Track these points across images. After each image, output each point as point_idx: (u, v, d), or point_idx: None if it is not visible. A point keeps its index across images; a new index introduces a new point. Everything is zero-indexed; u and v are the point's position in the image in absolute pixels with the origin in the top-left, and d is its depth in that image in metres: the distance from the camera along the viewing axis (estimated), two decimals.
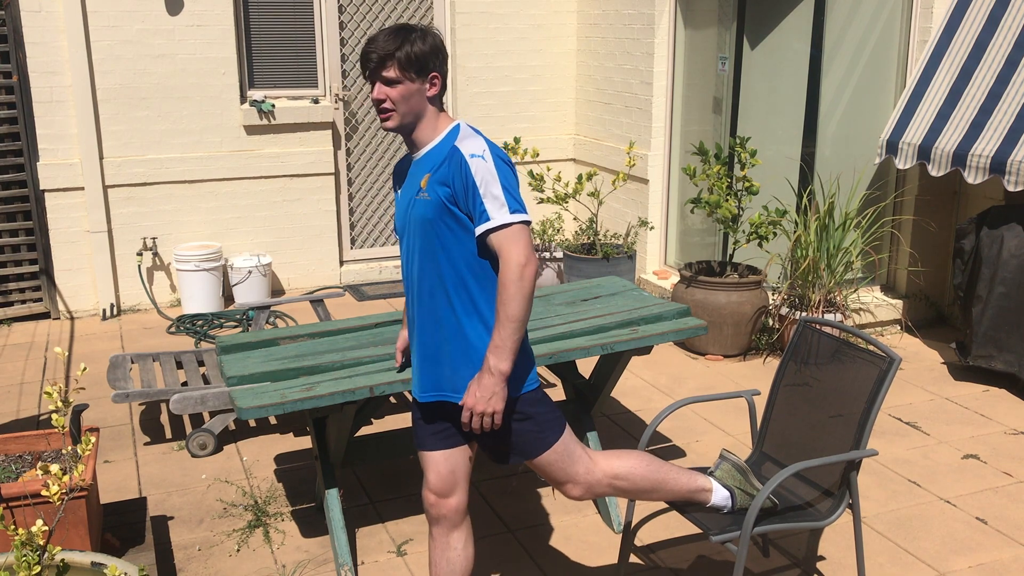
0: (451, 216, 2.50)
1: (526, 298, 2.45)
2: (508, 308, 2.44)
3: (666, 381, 5.30)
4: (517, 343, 2.47)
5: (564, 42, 7.49)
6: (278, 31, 6.77)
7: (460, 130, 2.58)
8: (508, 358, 2.47)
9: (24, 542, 2.15)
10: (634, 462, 2.83)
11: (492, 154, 2.49)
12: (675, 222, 6.75)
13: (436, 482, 2.71)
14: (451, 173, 2.48)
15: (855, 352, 3.13)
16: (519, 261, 2.43)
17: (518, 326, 2.46)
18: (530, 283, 2.45)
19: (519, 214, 2.46)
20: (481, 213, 2.45)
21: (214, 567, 3.51)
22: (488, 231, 2.46)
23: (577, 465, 2.73)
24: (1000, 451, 4.44)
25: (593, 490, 2.78)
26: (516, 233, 2.45)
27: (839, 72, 5.90)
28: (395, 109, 2.53)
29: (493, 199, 2.45)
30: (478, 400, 2.48)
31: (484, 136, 2.57)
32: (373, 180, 7.29)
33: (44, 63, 6.09)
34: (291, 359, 3.45)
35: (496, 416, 2.51)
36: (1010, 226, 5.05)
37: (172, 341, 6.00)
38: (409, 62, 2.50)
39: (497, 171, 2.47)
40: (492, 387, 2.48)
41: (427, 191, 2.52)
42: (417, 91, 2.53)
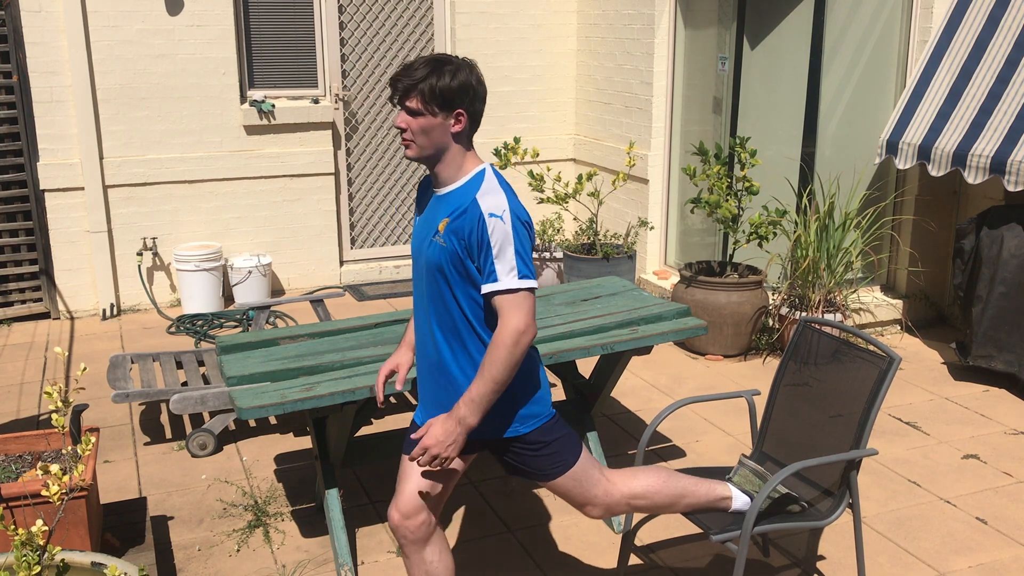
0: (462, 266, 2.50)
1: (513, 364, 2.45)
2: (493, 369, 2.45)
3: (666, 381, 5.30)
4: (492, 402, 2.48)
5: (564, 42, 7.49)
6: (278, 31, 6.77)
7: (484, 179, 2.52)
8: (478, 414, 2.48)
9: (24, 542, 2.15)
10: (651, 480, 2.83)
11: (512, 214, 2.45)
12: (675, 222, 6.75)
13: (408, 500, 2.68)
14: (468, 227, 2.46)
15: (855, 352, 3.13)
16: (517, 327, 2.43)
17: (498, 388, 2.46)
18: (522, 351, 2.45)
19: (527, 280, 2.45)
20: (490, 273, 2.45)
21: (214, 567, 3.51)
22: (494, 292, 2.45)
23: (596, 488, 2.74)
24: (1000, 451, 4.44)
25: (612, 511, 2.79)
26: (520, 300, 2.45)
27: (839, 72, 5.90)
28: (415, 140, 2.51)
29: (505, 262, 2.44)
30: (437, 443, 2.48)
31: (508, 189, 2.52)
32: (373, 180, 7.29)
33: (44, 63, 6.10)
34: (291, 359, 3.45)
35: (447, 462, 2.51)
36: (1010, 226, 5.05)
37: (172, 341, 6.00)
38: (433, 95, 2.45)
39: (514, 234, 2.44)
40: (455, 435, 2.48)
41: (443, 237, 2.50)
42: (440, 126, 2.48)
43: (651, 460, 4.34)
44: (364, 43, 7.04)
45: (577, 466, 2.70)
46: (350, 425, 3.41)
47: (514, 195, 2.52)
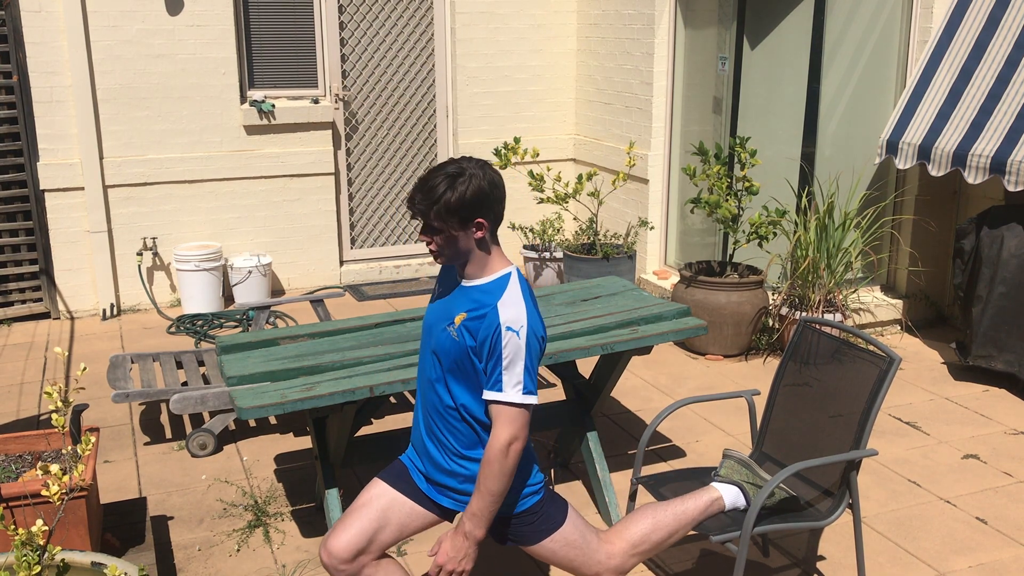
0: (469, 363, 2.52)
1: (508, 474, 2.48)
2: (489, 482, 2.47)
3: (666, 381, 5.30)
4: (494, 512, 2.51)
5: (564, 42, 7.49)
6: (278, 31, 6.77)
7: (509, 286, 2.52)
8: (484, 526, 2.51)
9: (24, 542, 2.15)
10: (644, 522, 2.85)
11: (528, 330, 2.47)
12: (675, 222, 6.75)
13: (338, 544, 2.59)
14: (483, 333, 2.47)
15: (855, 352, 3.13)
16: (508, 440, 2.46)
17: (496, 499, 2.49)
18: (514, 461, 2.47)
19: (530, 396, 2.48)
20: (496, 382, 2.47)
21: (214, 567, 3.51)
22: (494, 401, 2.48)
23: (598, 553, 2.76)
24: (1000, 451, 4.44)
25: (621, 569, 2.80)
26: (517, 414, 2.47)
27: (839, 72, 5.90)
28: (440, 252, 2.53)
29: (512, 375, 2.46)
30: (450, 559, 2.51)
31: (529, 300, 2.52)
32: (373, 180, 7.29)
33: (44, 63, 6.10)
34: (291, 359, 3.45)
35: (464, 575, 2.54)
36: (1010, 226, 5.05)
37: (172, 341, 6.00)
38: (450, 213, 2.45)
39: (526, 350, 2.47)
40: (465, 550, 2.51)
41: (457, 330, 2.52)
42: (462, 236, 2.50)
43: (651, 460, 4.34)
44: (364, 43, 7.04)
45: (569, 528, 2.72)
46: (350, 425, 3.41)
47: (535, 307, 2.54)
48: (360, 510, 2.66)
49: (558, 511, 2.72)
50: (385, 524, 2.65)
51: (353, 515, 2.65)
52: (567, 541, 2.71)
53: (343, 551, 2.59)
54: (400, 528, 2.68)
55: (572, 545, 2.72)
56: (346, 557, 2.60)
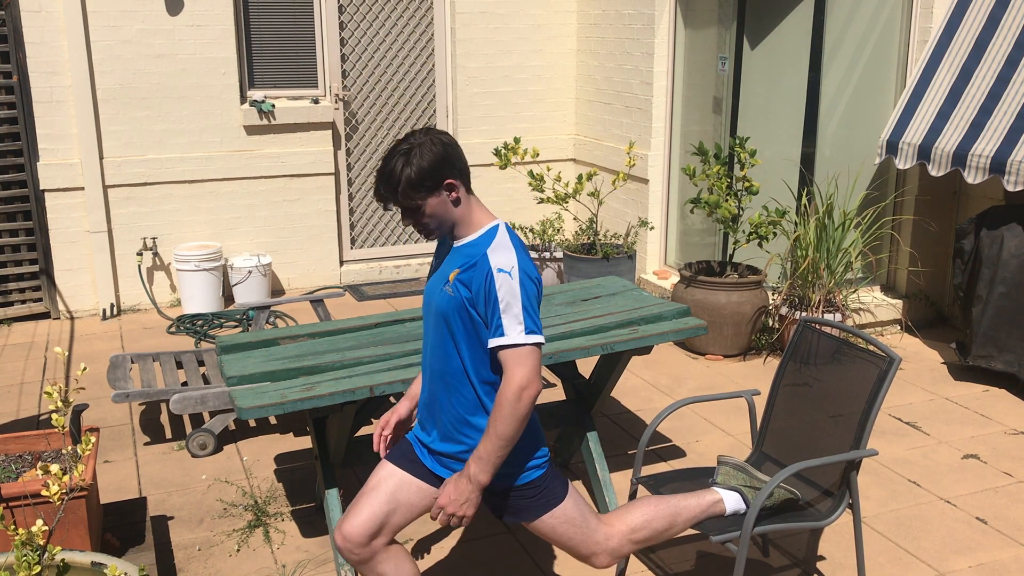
0: (468, 318, 2.51)
1: (520, 419, 2.45)
2: (499, 426, 2.45)
3: (666, 381, 5.30)
4: (502, 458, 2.49)
5: (564, 42, 7.49)
6: (278, 31, 6.77)
7: (497, 235, 2.54)
8: (489, 471, 2.49)
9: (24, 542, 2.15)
10: (644, 509, 2.85)
11: (520, 270, 2.47)
12: (675, 222, 6.75)
13: (352, 527, 2.63)
14: (477, 281, 2.48)
15: (855, 352, 3.13)
16: (521, 383, 2.44)
17: (506, 444, 2.47)
18: (527, 406, 2.45)
19: (534, 335, 2.46)
20: (497, 327, 2.45)
21: (214, 567, 3.51)
22: (500, 347, 2.46)
23: (596, 533, 2.76)
24: (1000, 451, 4.44)
25: (617, 553, 2.80)
26: (525, 355, 2.45)
27: (839, 72, 5.90)
28: (428, 226, 2.54)
29: (512, 317, 2.45)
30: (451, 502, 2.50)
31: (519, 246, 2.54)
32: (373, 180, 7.29)
33: (44, 63, 6.10)
34: (291, 359, 3.45)
35: (464, 520, 2.52)
36: (1010, 226, 5.05)
37: (172, 341, 6.00)
38: (414, 189, 2.47)
39: (521, 290, 2.46)
40: (467, 494, 2.50)
41: (452, 287, 2.53)
42: (440, 203, 2.51)
43: (651, 460, 4.34)
44: (364, 43, 7.04)
45: (569, 505, 2.71)
46: (350, 425, 3.41)
47: (525, 252, 2.54)
48: (370, 493, 2.67)
49: (560, 487, 2.72)
50: (396, 506, 2.67)
51: (364, 499, 2.67)
52: (566, 518, 2.70)
53: (357, 535, 2.62)
54: (410, 508, 2.69)
55: (571, 522, 2.71)
56: (361, 540, 2.62)
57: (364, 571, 2.69)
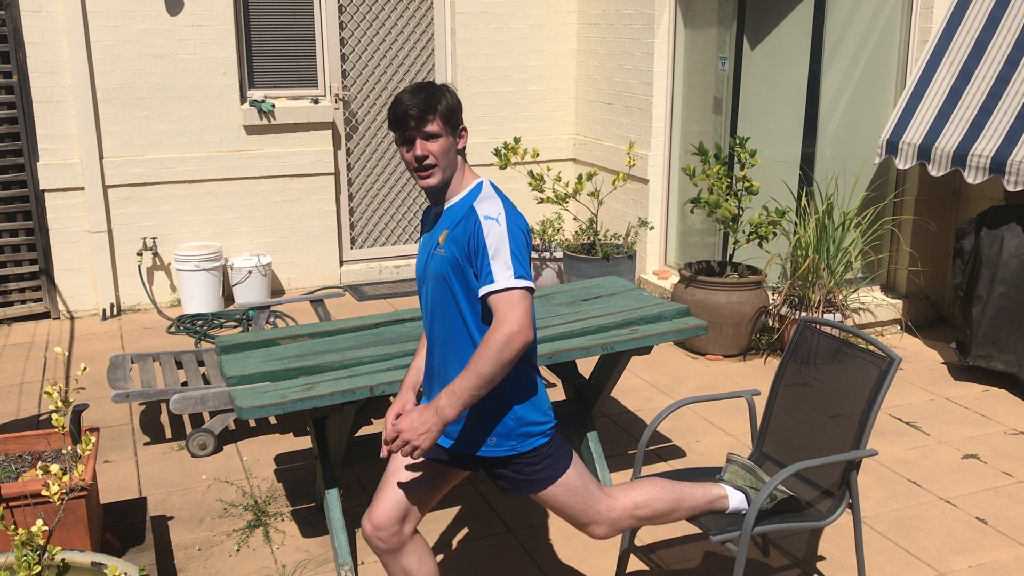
0: (463, 274, 2.51)
1: (503, 363, 2.41)
2: (481, 364, 2.41)
3: (666, 381, 5.30)
4: (475, 398, 2.45)
5: (564, 42, 7.49)
6: (278, 31, 6.77)
7: (482, 189, 2.57)
8: (458, 407, 2.44)
9: (24, 542, 2.15)
10: (649, 488, 2.85)
11: (507, 218, 2.47)
12: (675, 222, 6.75)
13: (379, 513, 2.66)
14: (466, 232, 2.48)
15: (855, 352, 3.13)
16: (511, 328, 2.40)
17: (483, 384, 2.42)
18: (514, 352, 2.41)
19: (523, 280, 2.44)
20: (487, 275, 2.44)
21: (214, 567, 3.51)
22: (490, 293, 2.44)
23: (598, 504, 2.74)
24: (1000, 451, 4.44)
25: (617, 525, 2.78)
26: (516, 299, 2.42)
27: (839, 72, 5.90)
28: (438, 164, 2.52)
29: (500, 263, 2.43)
30: (411, 430, 2.45)
31: (504, 197, 2.55)
32: (373, 180, 7.29)
33: (44, 63, 6.10)
34: (291, 359, 3.45)
35: (417, 452, 2.47)
36: (1010, 226, 5.05)
37: (172, 341, 6.00)
38: (449, 114, 2.52)
39: (509, 236, 2.45)
40: (429, 423, 2.45)
41: (443, 247, 2.53)
42: (452, 145, 2.54)
43: (651, 460, 4.34)
44: (364, 43, 7.04)
45: (573, 475, 2.70)
46: (350, 425, 3.41)
47: (512, 204, 2.55)
48: (391, 480, 2.69)
49: (564, 457, 2.70)
50: (417, 488, 2.68)
51: (386, 486, 2.68)
52: (570, 487, 2.69)
53: (386, 521, 2.64)
54: (432, 488, 2.71)
55: (574, 492, 2.70)
56: (390, 526, 2.64)
57: (389, 563, 2.70)
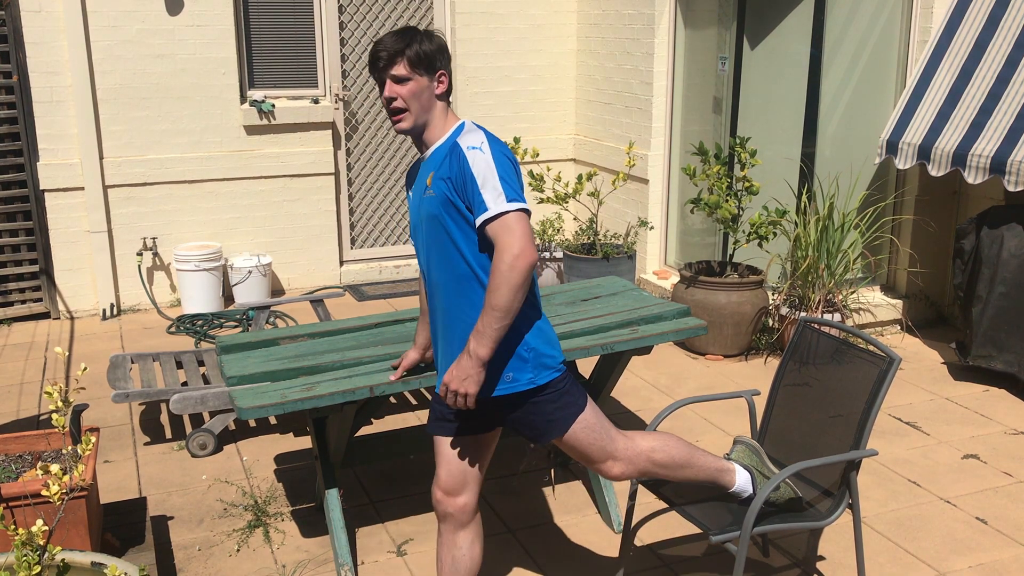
0: (455, 210, 2.52)
1: (514, 289, 2.42)
2: (493, 297, 2.43)
3: (666, 381, 5.30)
4: (500, 331, 2.47)
5: (564, 42, 7.49)
6: (278, 31, 6.77)
7: (464, 128, 2.60)
8: (488, 344, 2.48)
9: (24, 542, 2.15)
10: (666, 437, 2.89)
11: (490, 146, 2.50)
12: (675, 222, 6.75)
13: (446, 479, 2.74)
14: (452, 167, 2.51)
15: (855, 352, 3.13)
16: (512, 251, 2.41)
17: (502, 315, 2.44)
18: (521, 274, 2.42)
19: (516, 202, 2.45)
20: (479, 204, 2.45)
21: (214, 567, 3.51)
22: (486, 221, 2.45)
23: (615, 442, 2.77)
24: (1000, 451, 4.44)
25: (634, 464, 2.79)
26: (513, 221, 2.43)
27: (839, 72, 5.90)
28: (407, 108, 2.56)
29: (491, 189, 2.45)
30: (453, 378, 2.52)
31: (487, 132, 2.58)
32: (373, 180, 7.29)
33: (44, 63, 6.09)
34: (291, 359, 3.45)
35: (468, 398, 2.52)
36: (1010, 226, 5.05)
37: (172, 341, 6.00)
38: (419, 59, 2.54)
39: (495, 162, 2.47)
40: (468, 369, 2.50)
41: (432, 187, 2.55)
42: (427, 88, 2.56)
43: None
44: (364, 43, 7.03)
45: (590, 412, 2.72)
46: (350, 425, 3.41)
47: (494, 136, 2.57)
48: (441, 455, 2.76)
49: (579, 394, 2.73)
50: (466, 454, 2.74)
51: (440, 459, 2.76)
52: (587, 423, 2.72)
53: (453, 485, 2.73)
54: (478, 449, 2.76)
55: (591, 428, 2.72)
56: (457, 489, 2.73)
57: (448, 532, 2.76)
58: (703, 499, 3.04)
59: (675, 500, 3.04)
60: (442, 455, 2.76)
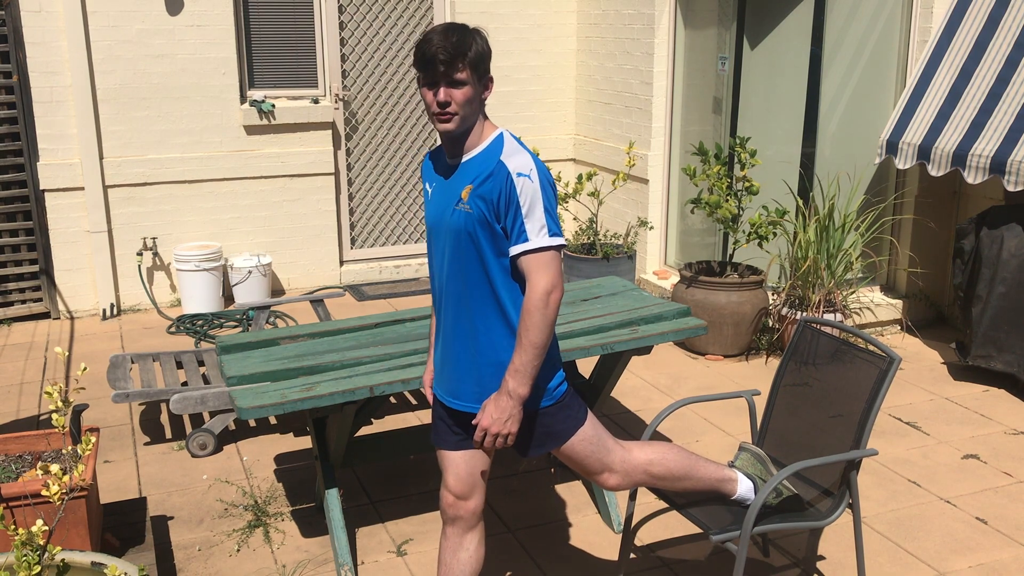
0: (490, 230, 2.46)
1: (550, 324, 2.44)
2: (531, 334, 2.43)
3: (666, 381, 5.30)
4: (537, 367, 2.46)
5: (564, 42, 7.49)
6: (278, 31, 6.77)
7: (505, 142, 2.49)
8: (527, 382, 2.46)
9: (24, 542, 2.15)
10: (665, 448, 2.87)
11: (539, 173, 2.44)
12: (675, 222, 6.75)
13: (455, 484, 2.71)
14: (495, 189, 2.42)
15: (855, 352, 3.13)
16: (546, 288, 2.41)
17: (539, 352, 2.44)
18: (554, 310, 2.43)
19: (557, 238, 2.44)
20: (520, 234, 2.42)
21: (214, 567, 3.51)
22: (523, 252, 2.43)
23: (612, 454, 2.75)
24: (1000, 451, 4.44)
25: (631, 477, 2.79)
26: (549, 259, 2.43)
27: (839, 72, 5.90)
28: (459, 112, 2.43)
29: (535, 220, 2.41)
30: (494, 422, 2.48)
31: (528, 150, 2.51)
32: (373, 180, 7.29)
33: (44, 63, 6.09)
34: (291, 359, 3.45)
35: (510, 438, 2.51)
36: (1010, 226, 5.05)
37: (172, 341, 6.00)
38: (477, 62, 2.42)
39: (542, 192, 2.42)
40: (510, 410, 2.48)
41: (468, 203, 2.46)
42: (476, 95, 2.46)
43: None
44: (364, 43, 7.04)
45: (589, 425, 2.71)
46: (350, 425, 3.41)
47: (536, 157, 2.50)
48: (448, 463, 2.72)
49: (580, 407, 2.72)
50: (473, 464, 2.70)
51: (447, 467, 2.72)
52: (586, 437, 2.71)
53: (463, 489, 2.68)
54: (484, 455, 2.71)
55: (589, 441, 2.71)
56: (468, 493, 2.68)
57: (453, 534, 2.73)
58: (703, 499, 3.04)
59: (675, 500, 3.04)
60: (450, 462, 2.73)
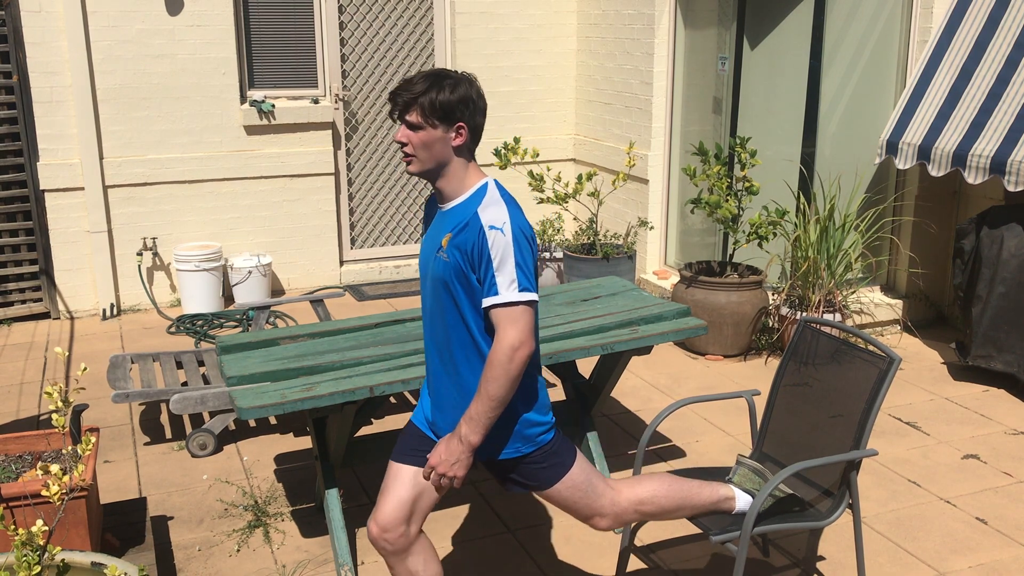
0: (466, 280, 2.47)
1: (511, 380, 2.42)
2: (491, 387, 2.42)
3: (666, 381, 5.30)
4: (493, 419, 2.46)
5: (564, 42, 7.49)
6: (278, 31, 6.77)
7: (486, 193, 2.50)
8: (480, 432, 2.46)
9: (24, 542, 2.15)
10: (656, 485, 2.84)
11: (512, 226, 2.43)
12: (675, 222, 6.75)
13: (384, 514, 2.64)
14: (469, 241, 2.44)
15: (855, 352, 3.13)
16: (512, 344, 2.40)
17: (496, 405, 2.44)
18: (518, 367, 2.41)
19: (527, 293, 2.42)
20: (491, 286, 2.42)
21: (214, 567, 3.51)
22: (492, 306, 2.42)
23: (602, 498, 2.74)
24: (1000, 451, 4.44)
25: (621, 518, 2.78)
26: (518, 314, 2.41)
27: (839, 72, 5.90)
28: (415, 154, 2.48)
29: (505, 274, 2.41)
30: (442, 462, 2.49)
31: (511, 201, 2.49)
32: (373, 180, 7.29)
33: (44, 63, 6.09)
34: (291, 359, 3.45)
35: (456, 481, 2.51)
36: (1010, 226, 5.05)
37: (172, 341, 6.00)
38: (433, 109, 2.43)
39: (514, 246, 2.41)
40: (458, 454, 2.48)
41: (446, 252, 2.49)
42: (440, 139, 2.45)
43: (651, 460, 4.34)
44: (364, 43, 7.04)
45: (576, 471, 2.69)
46: (350, 425, 3.41)
47: (517, 207, 2.49)
48: (393, 481, 2.67)
49: (568, 454, 2.70)
50: (420, 490, 2.67)
51: (389, 487, 2.67)
52: (573, 484, 2.69)
53: (392, 521, 2.62)
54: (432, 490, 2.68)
55: (576, 488, 2.70)
56: (396, 526, 2.63)
57: (396, 565, 2.69)
58: None
59: None
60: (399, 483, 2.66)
